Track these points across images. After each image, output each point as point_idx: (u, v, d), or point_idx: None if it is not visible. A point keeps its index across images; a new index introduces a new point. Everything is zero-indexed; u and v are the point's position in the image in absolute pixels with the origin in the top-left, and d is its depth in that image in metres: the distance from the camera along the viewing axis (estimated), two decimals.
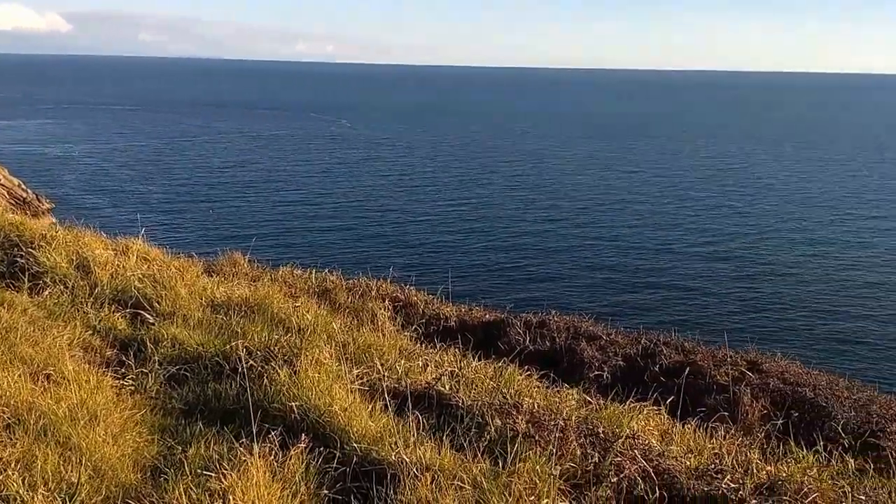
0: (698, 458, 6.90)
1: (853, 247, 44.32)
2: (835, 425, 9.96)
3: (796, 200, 59.38)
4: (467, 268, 38.81)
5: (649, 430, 7.76)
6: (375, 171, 71.80)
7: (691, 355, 11.23)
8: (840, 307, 33.69)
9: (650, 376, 10.72)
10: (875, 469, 9.48)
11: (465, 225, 49.23)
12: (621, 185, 65.42)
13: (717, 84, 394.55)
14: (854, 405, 10.57)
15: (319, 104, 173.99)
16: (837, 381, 11.50)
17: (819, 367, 14.58)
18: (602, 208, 55.27)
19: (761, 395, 10.23)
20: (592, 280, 37.31)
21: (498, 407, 6.93)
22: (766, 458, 7.94)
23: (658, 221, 50.92)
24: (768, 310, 33.32)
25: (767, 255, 42.61)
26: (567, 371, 10.93)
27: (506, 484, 5.05)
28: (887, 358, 27.76)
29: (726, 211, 54.85)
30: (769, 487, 5.77)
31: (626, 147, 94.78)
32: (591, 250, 42.84)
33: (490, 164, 77.56)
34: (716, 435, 8.44)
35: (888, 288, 36.42)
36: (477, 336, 11.80)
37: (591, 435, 6.54)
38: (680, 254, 42.68)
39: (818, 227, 49.79)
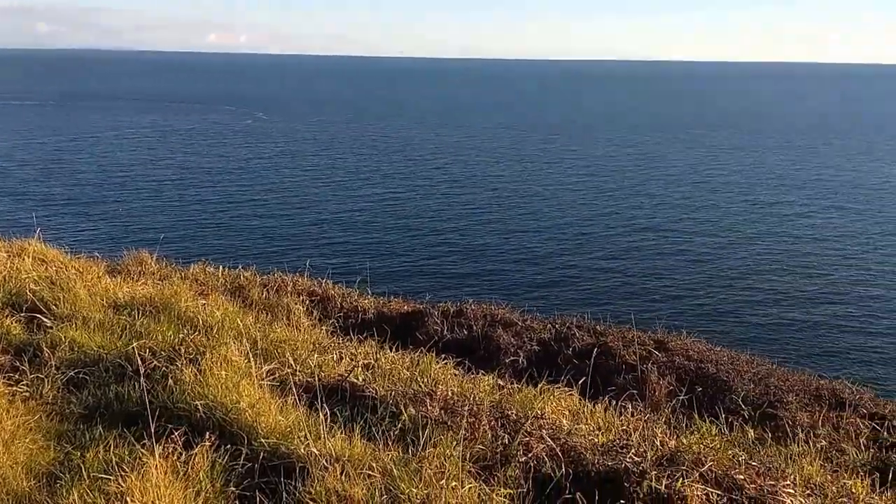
0: (606, 435, 7.13)
1: (764, 232, 46.47)
2: (735, 398, 10.48)
3: (709, 187, 61.76)
4: (387, 260, 38.76)
5: (560, 410, 7.97)
6: (295, 166, 70.65)
7: (602, 337, 11.59)
8: (752, 287, 35.31)
9: (564, 359, 11.01)
10: (773, 437, 10.06)
11: (386, 218, 49.11)
12: (542, 177, 66.54)
13: (616, 74, 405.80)
14: (753, 378, 11.15)
15: (233, 96, 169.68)
16: (739, 357, 12.11)
17: (724, 343, 15.31)
18: (523, 199, 56.09)
19: (667, 372, 10.65)
20: (514, 269, 37.87)
21: (412, 396, 6.97)
22: (671, 432, 8.32)
23: (578, 210, 52.07)
24: (680, 290, 34.62)
25: (681, 239, 44.22)
26: (484, 358, 11.10)
27: (416, 470, 5.10)
28: (791, 334, 29.31)
29: (644, 199, 56.58)
30: (669, 459, 6.02)
31: (547, 139, 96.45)
32: (512, 241, 43.45)
33: (412, 157, 77.54)
34: (624, 412, 8.75)
35: (796, 272, 38.38)
36: (395, 327, 11.84)
37: (502, 418, 6.67)
38: (598, 240, 43.81)
39: (729, 213, 51.96)
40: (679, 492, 5.38)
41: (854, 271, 37.96)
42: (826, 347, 27.73)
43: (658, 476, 5.53)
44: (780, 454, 9.04)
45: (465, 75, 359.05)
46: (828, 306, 32.59)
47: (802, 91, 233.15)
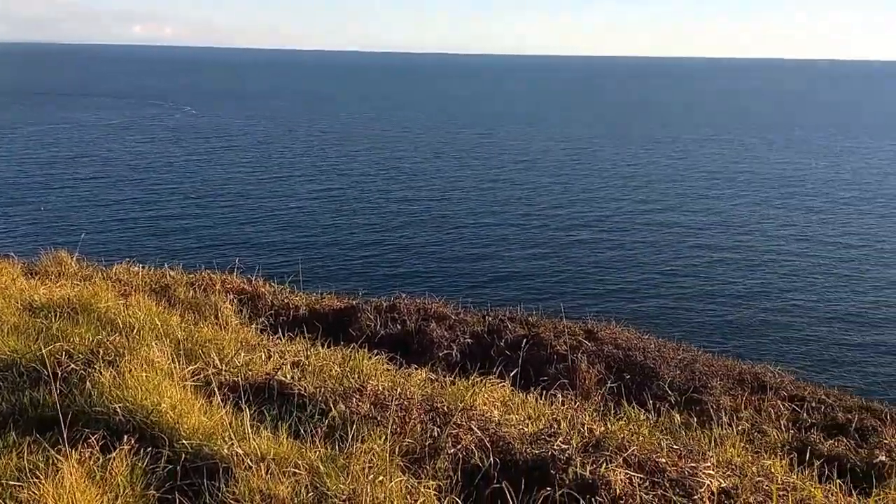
0: (536, 425, 7.23)
1: (695, 224, 47.88)
2: (662, 384, 10.80)
3: (639, 178, 63.28)
4: (321, 257, 38.37)
5: (492, 402, 8.05)
6: (227, 162, 69.12)
7: (534, 328, 11.75)
8: (681, 277, 36.37)
9: (496, 351, 11.13)
10: (698, 421, 10.40)
11: (321, 215, 48.57)
12: (477, 172, 66.92)
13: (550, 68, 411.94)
14: (679, 365, 11.50)
15: (160, 90, 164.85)
16: (666, 344, 12.47)
17: (653, 331, 15.73)
18: (459, 194, 56.31)
19: (597, 361, 10.89)
20: (449, 264, 38.02)
21: (342, 392, 6.93)
22: (599, 419, 8.51)
23: (514, 205, 52.56)
24: (613, 281, 35.40)
25: (614, 231, 45.18)
26: (417, 352, 11.12)
27: (343, 466, 5.07)
28: (717, 321, 30.32)
29: (575, 190, 57.56)
30: (595, 445, 6.15)
31: (486, 132, 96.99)
32: (447, 236, 43.61)
33: (347, 152, 76.87)
34: (555, 401, 8.91)
35: (725, 261, 39.68)
36: (328, 324, 11.74)
37: (432, 411, 6.70)
38: (532, 235, 44.35)
39: (662, 205, 53.34)
40: (603, 477, 5.50)
41: (779, 258, 39.51)
42: (750, 333, 28.79)
43: (583, 462, 5.64)
44: (704, 437, 9.38)
45: (411, 70, 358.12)
46: (756, 295, 33.84)
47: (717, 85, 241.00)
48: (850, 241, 43.00)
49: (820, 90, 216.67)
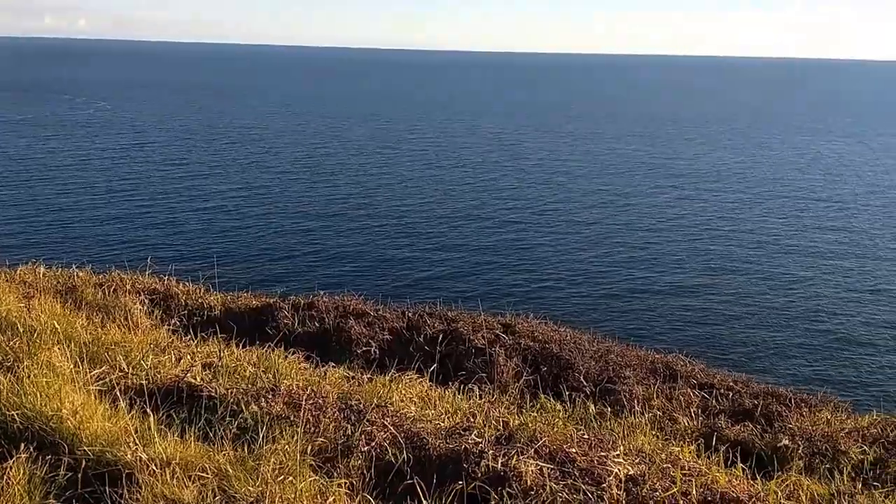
0: (453, 419, 7.30)
1: (610, 216, 49.15)
2: (577, 375, 11.06)
3: (561, 172, 64.46)
4: (238, 256, 37.52)
5: (409, 397, 8.07)
6: (145, 158, 66.74)
7: (453, 323, 11.84)
8: (598, 268, 37.28)
9: (416, 346, 11.16)
10: (612, 411, 10.70)
11: (238, 212, 47.49)
12: (388, 166, 66.76)
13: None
14: (594, 356, 11.81)
15: (74, 85, 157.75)
16: (581, 336, 12.78)
17: (571, 323, 16.09)
18: (383, 188, 56.09)
19: (514, 354, 11.07)
20: (372, 262, 37.85)
21: (255, 393, 6.82)
22: (515, 412, 8.65)
23: (441, 198, 52.72)
24: (530, 273, 36.01)
25: (530, 224, 45.90)
26: (336, 350, 11.05)
27: (252, 468, 4.99)
28: (632, 312, 31.25)
29: (503, 184, 58.15)
30: (507, 438, 6.26)
31: (410, 127, 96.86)
32: (370, 234, 43.38)
33: (269, 148, 75.40)
34: (472, 395, 9.01)
35: (641, 253, 40.89)
36: (244, 323, 11.52)
37: (347, 409, 6.67)
38: (459, 227, 44.59)
39: (578, 198, 54.52)
40: (514, 468, 5.59)
41: (693, 253, 41.00)
42: (665, 324, 29.80)
43: (495, 455, 5.72)
44: (617, 426, 9.66)
45: (333, 64, 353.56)
46: (672, 287, 35.02)
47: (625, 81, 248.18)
48: (760, 236, 45.03)
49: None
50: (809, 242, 42.71)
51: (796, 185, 61.57)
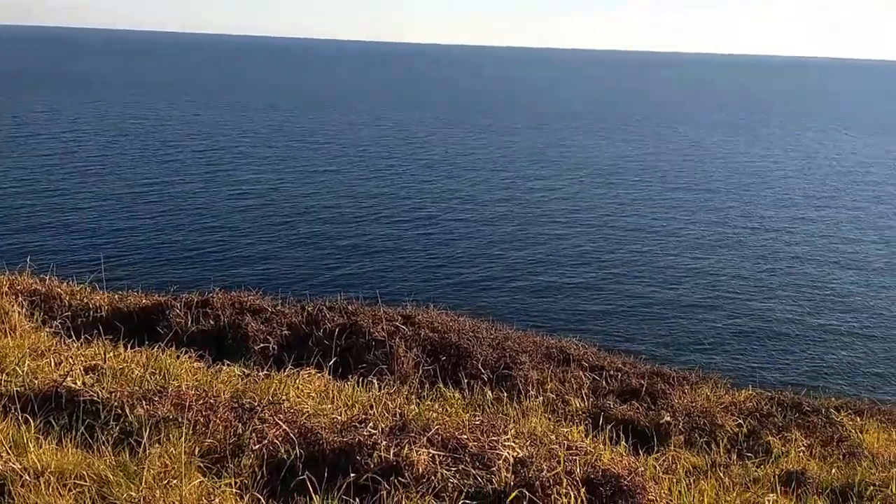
0: (350, 412, 7.32)
1: (512, 209, 50.05)
2: (476, 363, 11.30)
3: (469, 166, 65.04)
4: (128, 253, 35.89)
5: (307, 393, 8.04)
6: (23, 151, 62.73)
7: (353, 316, 11.82)
8: (499, 258, 37.97)
9: (315, 341, 11.09)
10: (508, 396, 11.00)
11: (131, 207, 45.39)
12: (309, 157, 65.61)
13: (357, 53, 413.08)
14: (492, 343, 12.07)
15: None
16: (479, 325, 13.03)
17: (473, 312, 16.36)
18: (291, 181, 54.93)
19: (414, 345, 11.18)
20: (274, 256, 37.10)
21: (142, 395, 6.62)
22: (416, 402, 8.76)
23: (345, 194, 52.18)
24: (435, 264, 36.30)
25: (434, 216, 46.19)
26: (232, 347, 10.83)
27: (135, 473, 4.86)
28: (534, 299, 32.05)
29: (415, 178, 58.06)
30: (401, 428, 6.34)
31: (316, 118, 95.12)
32: (271, 228, 42.47)
33: (169, 138, 72.36)
34: (372, 388, 9.05)
35: (544, 242, 41.88)
36: (134, 323, 11.12)
37: (239, 408, 6.58)
38: (355, 222, 44.33)
39: (484, 191, 55.22)
40: (407, 458, 5.69)
41: (592, 238, 42.39)
42: (561, 311, 30.72)
43: (388, 446, 5.80)
44: (512, 410, 9.95)
45: (239, 53, 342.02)
46: (572, 274, 36.11)
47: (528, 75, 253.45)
48: (654, 222, 47.01)
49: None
50: (700, 234, 44.90)
51: (693, 179, 64.58)
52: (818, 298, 33.81)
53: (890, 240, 44.75)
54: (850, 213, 51.73)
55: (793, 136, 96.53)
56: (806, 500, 6.73)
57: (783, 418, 9.35)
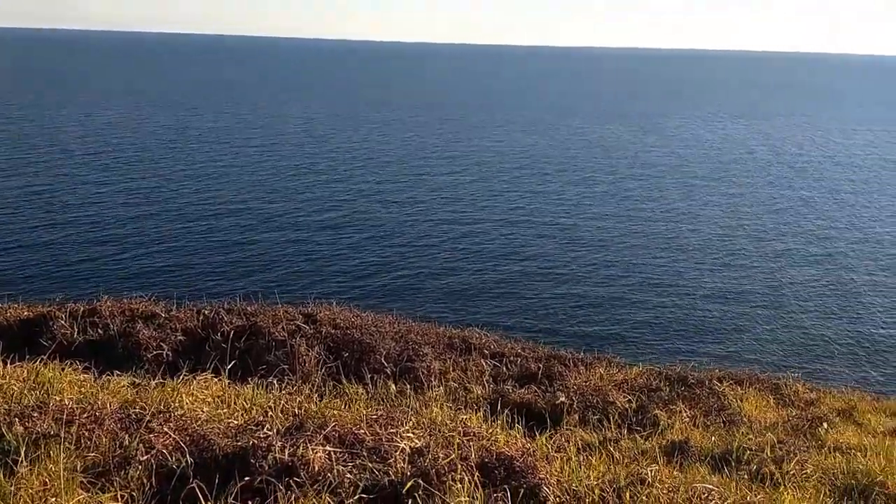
0: (248, 415, 7.23)
1: (414, 204, 50.18)
2: (379, 357, 11.34)
3: (377, 161, 64.66)
4: (14, 261, 33.91)
5: (203, 398, 7.87)
6: None
7: (252, 318, 11.63)
8: (404, 251, 38.08)
9: (212, 345, 10.84)
10: (412, 388, 11.11)
11: (20, 211, 42.85)
12: (213, 156, 63.53)
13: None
14: (395, 337, 12.15)
15: None
16: (383, 319, 13.08)
17: (376, 307, 16.41)
18: (186, 182, 53.07)
19: (316, 343, 11.11)
20: (169, 258, 35.86)
21: (19, 412, 6.33)
22: (318, 400, 8.72)
23: (254, 191, 50.88)
24: (335, 261, 36.05)
25: (361, 214, 45.75)
26: (124, 356, 10.45)
27: (11, 493, 4.67)
28: (434, 289, 32.35)
29: (312, 177, 57.20)
30: (297, 427, 6.32)
31: (216, 115, 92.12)
32: (167, 230, 41.01)
33: (59, 140, 68.45)
34: (273, 389, 8.95)
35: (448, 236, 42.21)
36: (13, 336, 10.55)
37: (126, 419, 6.39)
38: (267, 220, 43.40)
39: (387, 187, 55.09)
40: (302, 457, 5.68)
41: (498, 231, 43.08)
42: (467, 300, 31.19)
43: (283, 446, 5.77)
44: (415, 401, 10.07)
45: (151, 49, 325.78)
46: (475, 263, 36.62)
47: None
48: (558, 217, 48.27)
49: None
50: (593, 221, 46.44)
51: (584, 165, 66.53)
52: (705, 273, 35.72)
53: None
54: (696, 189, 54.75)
55: (667, 124, 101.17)
56: (688, 468, 7.13)
57: (670, 392, 9.87)
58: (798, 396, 10.93)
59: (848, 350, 27.67)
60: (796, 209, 50.34)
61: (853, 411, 10.66)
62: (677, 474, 6.27)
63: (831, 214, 49.09)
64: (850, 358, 26.94)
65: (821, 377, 22.54)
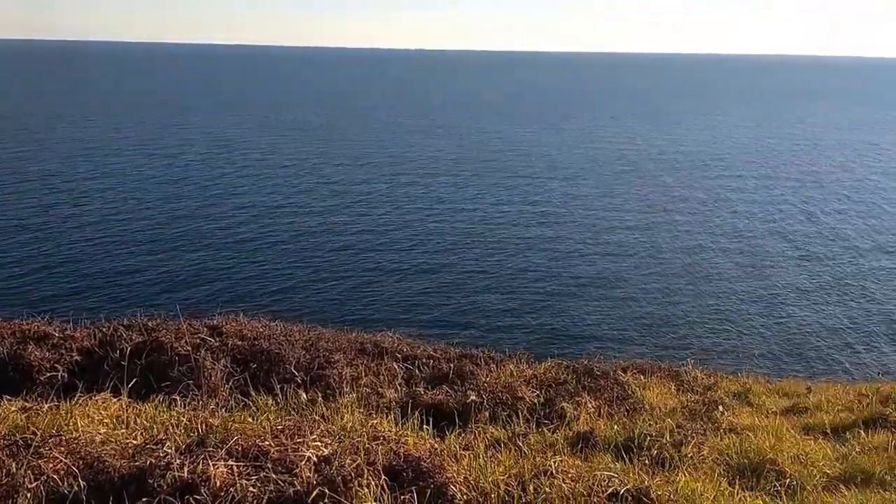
0: (148, 434, 6.99)
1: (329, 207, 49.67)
2: (288, 367, 11.16)
3: (284, 167, 63.52)
4: None
5: (101, 419, 7.57)
6: None
7: (154, 333, 11.23)
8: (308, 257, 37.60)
9: (111, 364, 10.40)
10: (323, 396, 10.99)
11: None
12: (116, 166, 60.85)
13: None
14: (305, 345, 11.97)
15: None
16: (292, 328, 12.88)
17: (287, 316, 16.13)
18: (93, 194, 50.66)
19: (222, 356, 10.82)
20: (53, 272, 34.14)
21: None
22: (227, 413, 8.51)
23: (142, 202, 49.07)
24: (255, 270, 35.32)
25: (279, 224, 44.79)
26: (14, 380, 9.90)
27: None
28: (354, 298, 32.15)
29: (220, 185, 55.68)
30: (199, 443, 6.16)
31: (116, 125, 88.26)
32: (68, 241, 39.10)
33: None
34: (176, 406, 8.68)
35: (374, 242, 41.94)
36: None
37: (13, 445, 6.07)
38: (161, 233, 41.97)
39: (301, 193, 54.29)
40: (203, 473, 5.54)
41: (399, 234, 43.15)
42: (382, 305, 31.13)
43: (182, 464, 5.62)
44: (327, 409, 9.96)
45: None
46: (387, 269, 36.55)
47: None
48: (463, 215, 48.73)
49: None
50: (516, 217, 47.26)
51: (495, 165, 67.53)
52: (613, 267, 36.90)
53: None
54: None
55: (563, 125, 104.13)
56: (593, 457, 7.35)
57: (576, 384, 10.14)
58: (697, 382, 11.44)
59: (753, 336, 29.10)
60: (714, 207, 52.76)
61: (748, 394, 11.24)
62: (580, 464, 6.46)
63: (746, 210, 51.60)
64: (753, 344, 28.33)
65: (726, 363, 23.62)
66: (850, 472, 7.10)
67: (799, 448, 7.70)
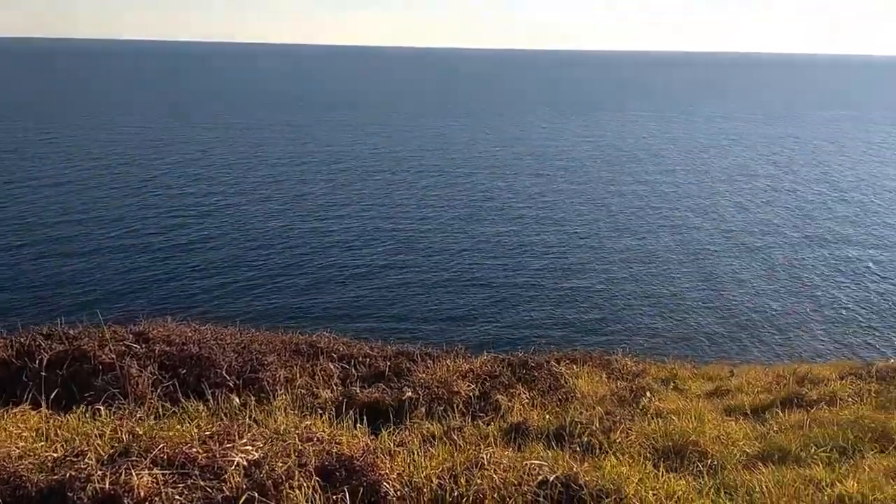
0: (68, 446, 6.77)
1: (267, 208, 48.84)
2: (220, 371, 10.93)
3: (221, 167, 62.10)
4: None
5: (19, 433, 7.30)
6: None
7: (76, 341, 10.84)
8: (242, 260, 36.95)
9: (30, 375, 10.00)
10: (256, 399, 10.81)
11: None
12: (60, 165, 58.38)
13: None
14: (237, 348, 11.75)
15: None
16: (223, 331, 12.62)
17: (223, 320, 15.80)
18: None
19: (149, 362, 10.52)
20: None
21: None
22: (156, 422, 8.27)
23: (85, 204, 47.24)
24: (180, 273, 34.46)
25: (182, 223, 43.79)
26: None
27: None
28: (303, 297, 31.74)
29: (155, 189, 54.04)
30: (122, 453, 5.99)
31: (71, 124, 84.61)
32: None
33: None
34: (99, 416, 8.40)
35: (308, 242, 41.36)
36: None
37: None
38: (120, 236, 40.54)
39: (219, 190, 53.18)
40: (126, 484, 5.40)
41: (352, 230, 42.81)
42: (313, 304, 30.83)
43: (104, 475, 5.45)
44: (261, 412, 9.81)
45: None
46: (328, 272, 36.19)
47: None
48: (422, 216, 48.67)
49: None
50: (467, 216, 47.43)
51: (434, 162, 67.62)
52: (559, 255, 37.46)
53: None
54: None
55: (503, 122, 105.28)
56: (526, 447, 7.45)
57: (511, 376, 10.25)
58: (627, 370, 11.72)
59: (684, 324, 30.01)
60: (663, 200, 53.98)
61: (675, 379, 11.58)
62: (512, 454, 6.54)
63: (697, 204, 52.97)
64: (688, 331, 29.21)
65: (656, 350, 24.29)
66: (768, 450, 7.39)
67: (720, 429, 7.98)
